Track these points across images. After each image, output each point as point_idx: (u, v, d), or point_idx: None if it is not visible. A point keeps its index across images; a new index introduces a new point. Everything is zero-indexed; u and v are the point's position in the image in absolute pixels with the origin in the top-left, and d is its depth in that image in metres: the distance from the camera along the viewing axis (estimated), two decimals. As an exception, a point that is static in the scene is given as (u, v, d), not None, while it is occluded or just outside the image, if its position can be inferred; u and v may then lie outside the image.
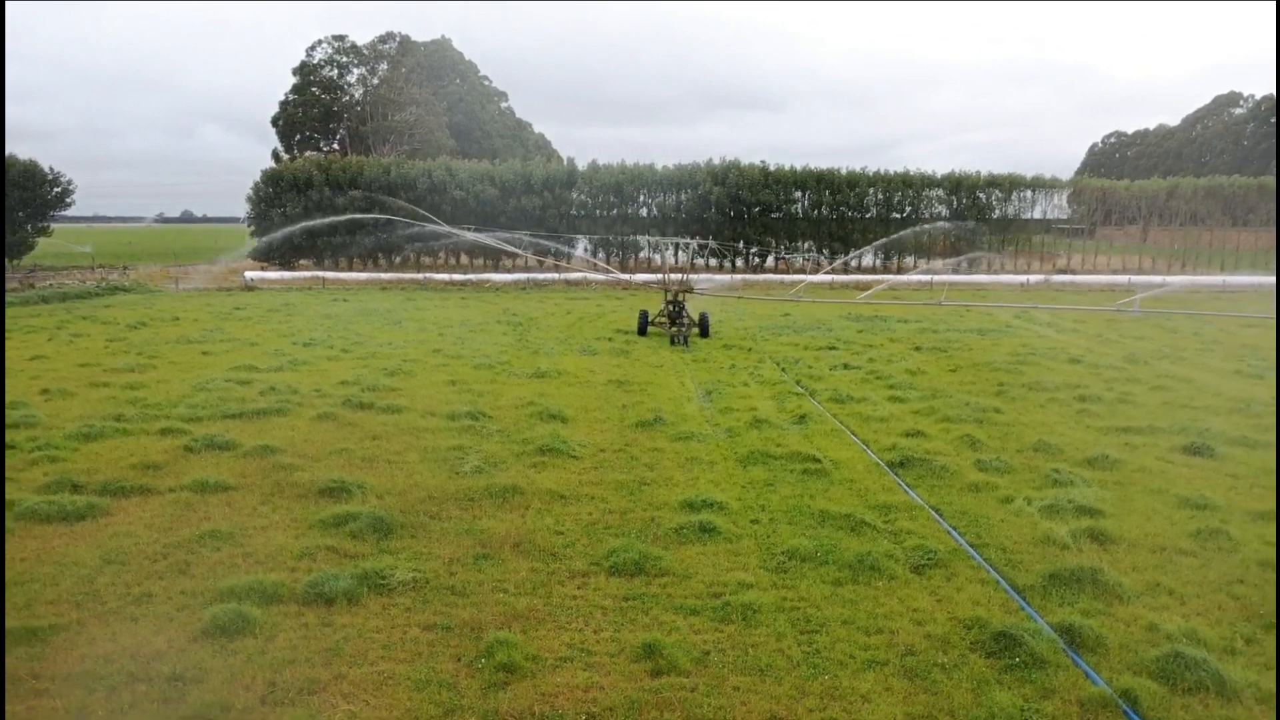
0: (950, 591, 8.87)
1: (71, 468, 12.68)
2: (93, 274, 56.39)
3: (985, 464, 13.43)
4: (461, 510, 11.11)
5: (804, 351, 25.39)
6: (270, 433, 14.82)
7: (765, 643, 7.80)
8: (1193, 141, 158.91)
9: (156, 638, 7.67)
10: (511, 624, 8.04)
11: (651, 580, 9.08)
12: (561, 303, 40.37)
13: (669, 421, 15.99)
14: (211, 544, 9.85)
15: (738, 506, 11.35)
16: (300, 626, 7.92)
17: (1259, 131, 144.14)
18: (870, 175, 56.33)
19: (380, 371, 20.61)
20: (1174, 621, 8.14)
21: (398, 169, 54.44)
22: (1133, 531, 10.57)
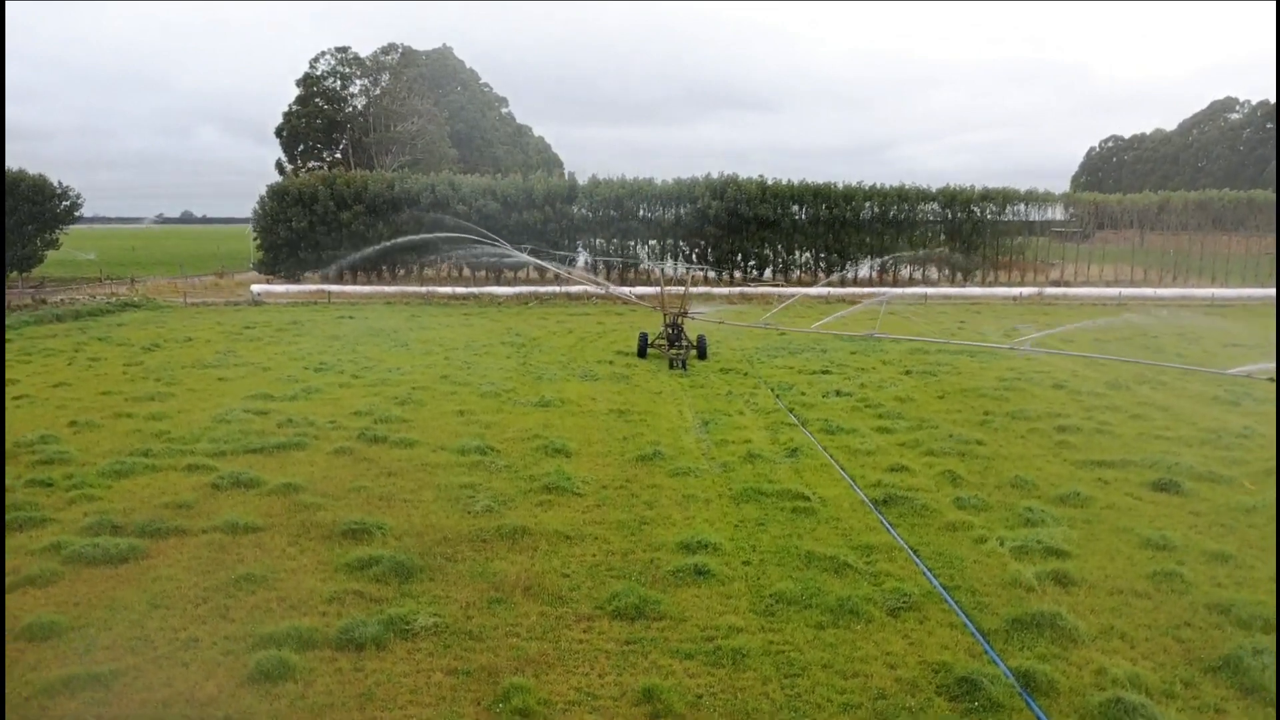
0: (922, 635, 9.77)
1: (108, 507, 13.58)
2: (101, 286, 57.29)
3: (964, 502, 14.33)
4: (475, 552, 12.01)
5: (798, 376, 26.26)
6: (291, 469, 15.71)
7: (752, 686, 8.69)
8: (1189, 147, 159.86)
9: (208, 683, 8.57)
10: (524, 669, 8.93)
11: (650, 624, 9.97)
12: (563, 320, 41.24)
13: (667, 455, 16.88)
14: (247, 588, 10.74)
15: (730, 547, 12.24)
16: (335, 672, 8.82)
17: (1254, 137, 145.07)
18: (866, 189, 57.22)
19: (391, 400, 21.49)
20: (1122, 666, 9.04)
21: (401, 183, 55.34)
22: (1094, 573, 11.47)
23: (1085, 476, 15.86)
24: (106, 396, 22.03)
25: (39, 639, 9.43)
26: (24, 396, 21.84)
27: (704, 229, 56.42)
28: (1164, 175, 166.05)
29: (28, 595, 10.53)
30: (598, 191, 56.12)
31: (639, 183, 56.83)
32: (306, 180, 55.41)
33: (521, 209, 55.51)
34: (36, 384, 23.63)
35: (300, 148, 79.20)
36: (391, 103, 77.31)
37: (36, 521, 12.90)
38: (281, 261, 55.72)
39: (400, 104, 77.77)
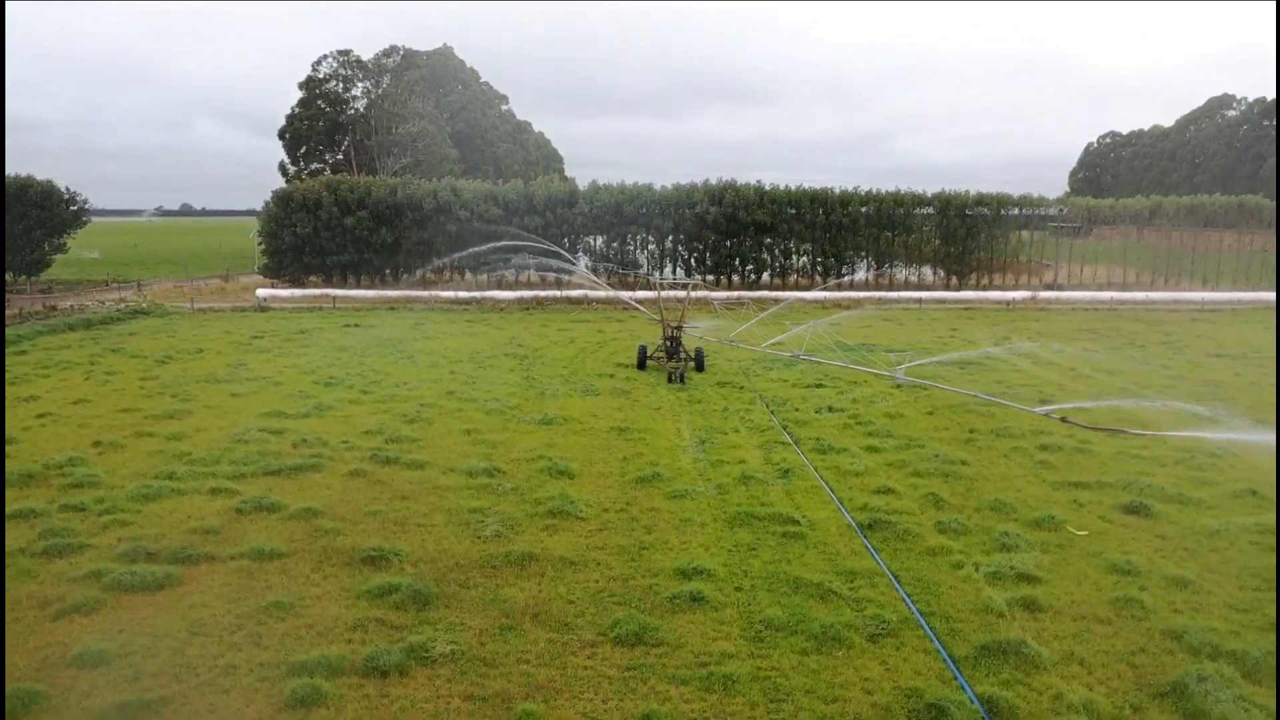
0: (898, 661, 10.66)
1: (140, 532, 14.46)
2: (108, 290, 58.15)
3: (945, 525, 15.21)
4: (485, 578, 12.90)
5: (792, 390, 27.14)
6: (309, 492, 16.60)
7: (741, 711, 9.59)
8: (1186, 144, 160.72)
9: (248, 709, 9.46)
10: (535, 695, 9.82)
11: (649, 650, 10.86)
12: (564, 327, 42.09)
13: (666, 477, 17.76)
14: (277, 615, 11.63)
15: (724, 573, 13.13)
16: (363, 698, 9.71)
17: (1251, 134, 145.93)
18: (862, 195, 58.06)
19: (400, 419, 22.37)
20: (1078, 691, 9.93)
21: (404, 189, 56.13)
22: (1061, 599, 12.36)
23: (1061, 499, 16.74)
24: (126, 414, 22.89)
25: (89, 666, 10.31)
26: (47, 415, 22.70)
27: (702, 233, 57.28)
28: (1161, 171, 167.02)
29: (74, 623, 11.41)
30: (597, 197, 56.94)
31: (638, 188, 57.66)
32: (310, 185, 56.20)
33: (523, 214, 56.34)
34: (57, 400, 24.49)
35: (303, 149, 79.97)
36: (393, 105, 78.09)
37: (75, 548, 13.78)
38: (286, 266, 56.57)
39: (401, 106, 78.55)
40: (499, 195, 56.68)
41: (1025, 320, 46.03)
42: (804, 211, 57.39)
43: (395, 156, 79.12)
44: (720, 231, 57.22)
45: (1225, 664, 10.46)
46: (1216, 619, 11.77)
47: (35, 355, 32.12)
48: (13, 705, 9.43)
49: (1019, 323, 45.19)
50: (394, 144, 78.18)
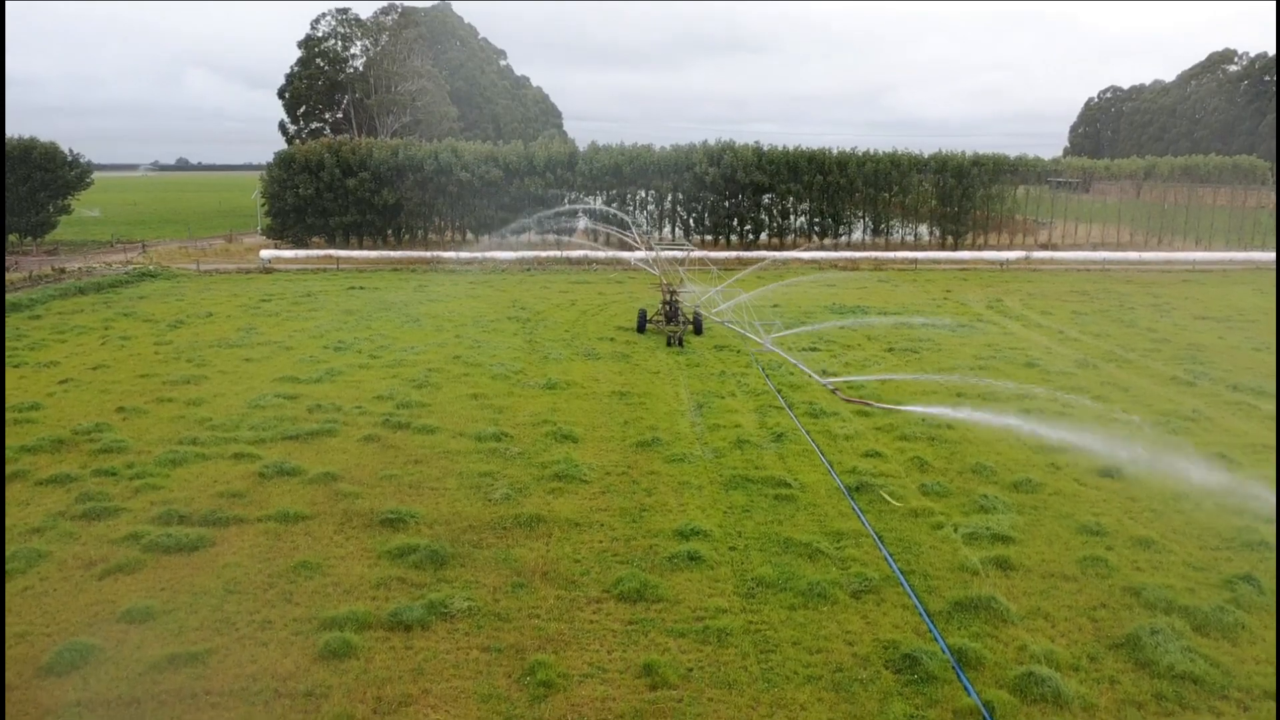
0: (878, 615, 11.61)
1: (171, 496, 15.38)
2: (114, 251, 58.73)
3: (928, 488, 16.14)
4: (497, 539, 13.84)
5: (789, 353, 27.96)
6: (327, 457, 17.50)
7: (733, 661, 10.55)
8: (1187, 98, 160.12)
9: (285, 660, 10.42)
10: (545, 646, 10.78)
11: (650, 606, 11.81)
12: (565, 289, 42.81)
13: (665, 441, 18.67)
14: (305, 574, 12.57)
15: (719, 534, 14.07)
16: (389, 650, 10.67)
17: (1252, 89, 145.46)
18: (859, 156, 58.50)
19: (409, 384, 23.22)
20: (1041, 643, 10.89)
21: (405, 151, 56.54)
22: (1033, 558, 13.31)
23: (1040, 462, 17.66)
24: (145, 380, 23.73)
25: (137, 622, 11.26)
26: (69, 380, 23.55)
27: (701, 194, 57.78)
28: (1161, 127, 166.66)
29: (119, 582, 12.36)
30: (597, 159, 57.37)
31: (637, 149, 58.07)
32: (312, 147, 56.60)
33: (523, 175, 56.79)
34: (77, 366, 25.32)
35: (302, 109, 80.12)
36: (391, 64, 78.10)
37: (111, 511, 14.71)
38: (289, 227, 57.11)
39: (400, 65, 78.57)
40: (499, 156, 57.10)
41: (1018, 281, 46.73)
42: (802, 172, 57.82)
43: (395, 115, 79.29)
44: (719, 192, 57.74)
45: (1178, 618, 11.41)
46: (1174, 576, 12.72)
47: (49, 319, 32.90)
48: (70, 658, 10.37)
49: (1011, 284, 45.89)
50: (393, 103, 78.33)
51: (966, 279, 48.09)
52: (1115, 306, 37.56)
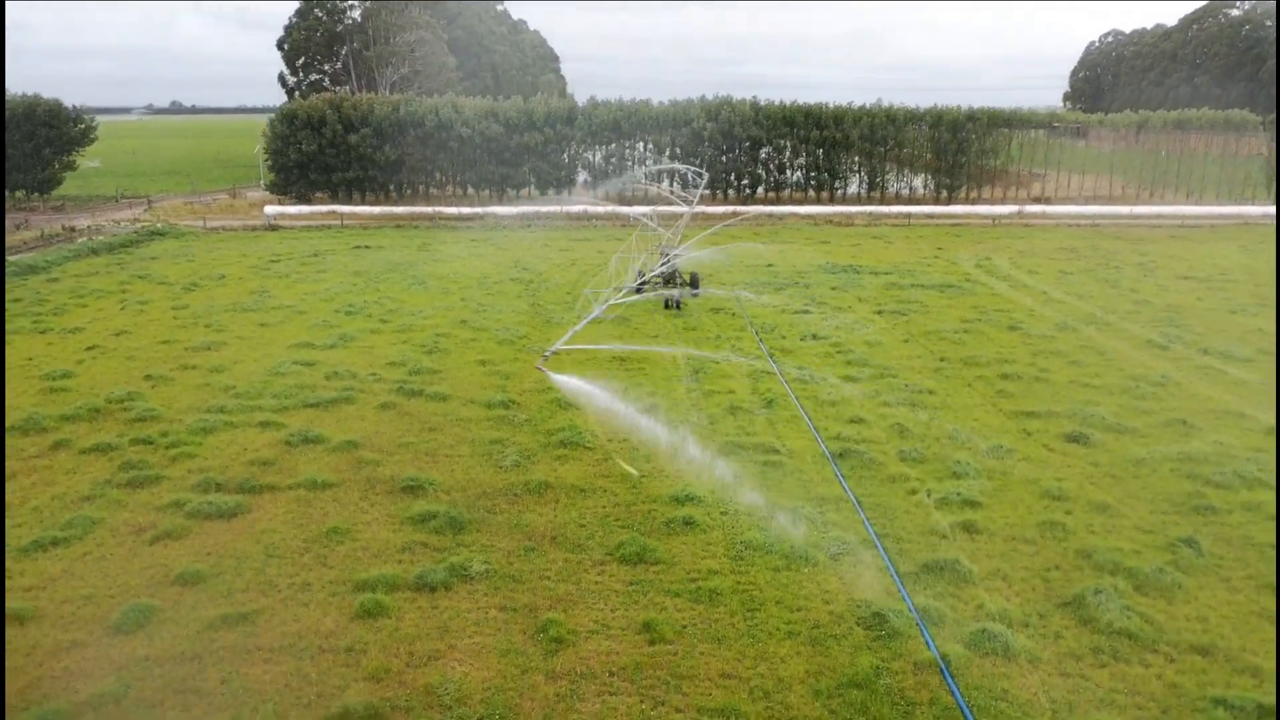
0: (854, 576, 12.93)
1: (206, 464, 16.65)
2: (119, 208, 59.56)
3: (906, 454, 17.40)
4: (509, 504, 15.13)
5: (780, 316, 29.14)
6: (347, 424, 18.75)
7: (723, 619, 11.87)
8: (1188, 43, 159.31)
9: (325, 619, 11.74)
10: (556, 606, 12.10)
11: (649, 568, 13.12)
12: (565, 247, 43.81)
13: (663, 409, 19.90)
14: (336, 539, 13.87)
15: (712, 500, 15.35)
16: (417, 610, 11.99)
17: (1253, 34, 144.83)
18: (855, 110, 59.10)
19: (420, 349, 24.42)
20: (997, 602, 12.22)
21: (406, 107, 57.13)
22: (997, 522, 14.61)
23: (1013, 428, 18.92)
24: (167, 346, 24.90)
25: (190, 584, 12.57)
26: (95, 347, 24.73)
27: (699, 149, 58.46)
28: (1162, 72, 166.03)
29: (169, 548, 13.66)
30: (596, 114, 57.99)
31: (636, 105, 58.69)
32: (314, 104, 57.20)
33: (523, 131, 57.45)
34: (100, 331, 26.49)
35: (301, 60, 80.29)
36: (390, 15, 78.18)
37: (152, 479, 15.98)
38: (292, 183, 57.90)
39: (399, 16, 78.65)
40: (499, 112, 57.71)
41: (1009, 238, 47.69)
42: (798, 126, 58.48)
43: (394, 67, 79.54)
44: (716, 147, 58.45)
45: (1121, 579, 12.73)
46: (1124, 540, 14.03)
47: (67, 283, 33.99)
48: (135, 618, 11.69)
49: (1002, 240, 46.87)
50: (392, 54, 78.56)
51: (959, 235, 49.05)
52: (1101, 265, 38.61)
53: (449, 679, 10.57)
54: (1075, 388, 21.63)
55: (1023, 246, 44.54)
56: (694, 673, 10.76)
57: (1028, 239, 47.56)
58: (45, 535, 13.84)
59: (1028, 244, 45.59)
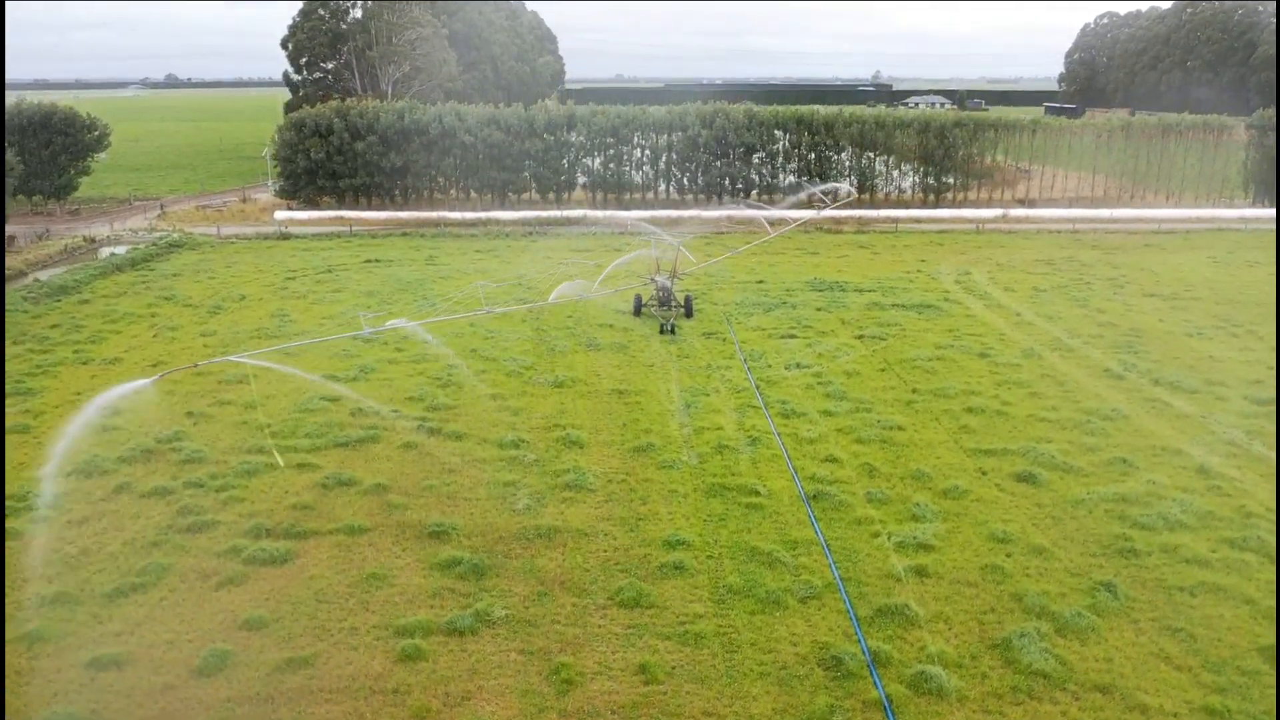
0: (819, 619, 15.20)
1: (254, 508, 18.90)
2: (132, 210, 61.52)
3: (873, 495, 19.65)
4: (523, 549, 17.39)
5: (768, 341, 31.32)
6: (375, 465, 20.98)
7: (706, 660, 14.16)
8: (1182, 26, 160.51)
9: (373, 662, 14.02)
10: (566, 649, 14.37)
11: (644, 612, 15.39)
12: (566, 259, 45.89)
13: (657, 446, 22.14)
14: (375, 584, 16.13)
15: (699, 543, 17.61)
16: (448, 653, 14.27)
17: (1246, 19, 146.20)
18: (847, 116, 61.05)
19: (435, 383, 26.61)
20: (938, 644, 14.50)
21: (411, 114, 59.01)
22: (946, 565, 16.88)
23: (970, 467, 21.18)
24: (202, 379, 27.06)
25: (256, 629, 14.83)
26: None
27: (695, 155, 60.45)
28: (1155, 55, 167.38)
29: (232, 593, 15.91)
30: (595, 120, 59.91)
31: (634, 111, 60.63)
32: (322, 111, 59.07)
33: (524, 138, 59.39)
34: (137, 362, 28.66)
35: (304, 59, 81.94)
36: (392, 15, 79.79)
37: (209, 525, 18.22)
38: (300, 188, 59.87)
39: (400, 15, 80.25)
40: (501, 119, 59.60)
41: (991, 247, 49.80)
42: (790, 132, 60.45)
43: (396, 65, 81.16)
44: (711, 153, 60.42)
45: (1045, 622, 15.01)
46: (1054, 583, 16.30)
47: (97, 305, 36.10)
48: (214, 662, 13.95)
49: (984, 250, 48.99)
50: (394, 54, 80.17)
51: (943, 244, 51.12)
52: (1074, 281, 40.74)
53: (480, 717, 12.86)
54: (1032, 422, 23.86)
55: (1003, 258, 46.65)
56: (681, 710, 13.05)
57: (1008, 248, 49.67)
58: (125, 582, 16.09)
59: (1008, 254, 47.70)
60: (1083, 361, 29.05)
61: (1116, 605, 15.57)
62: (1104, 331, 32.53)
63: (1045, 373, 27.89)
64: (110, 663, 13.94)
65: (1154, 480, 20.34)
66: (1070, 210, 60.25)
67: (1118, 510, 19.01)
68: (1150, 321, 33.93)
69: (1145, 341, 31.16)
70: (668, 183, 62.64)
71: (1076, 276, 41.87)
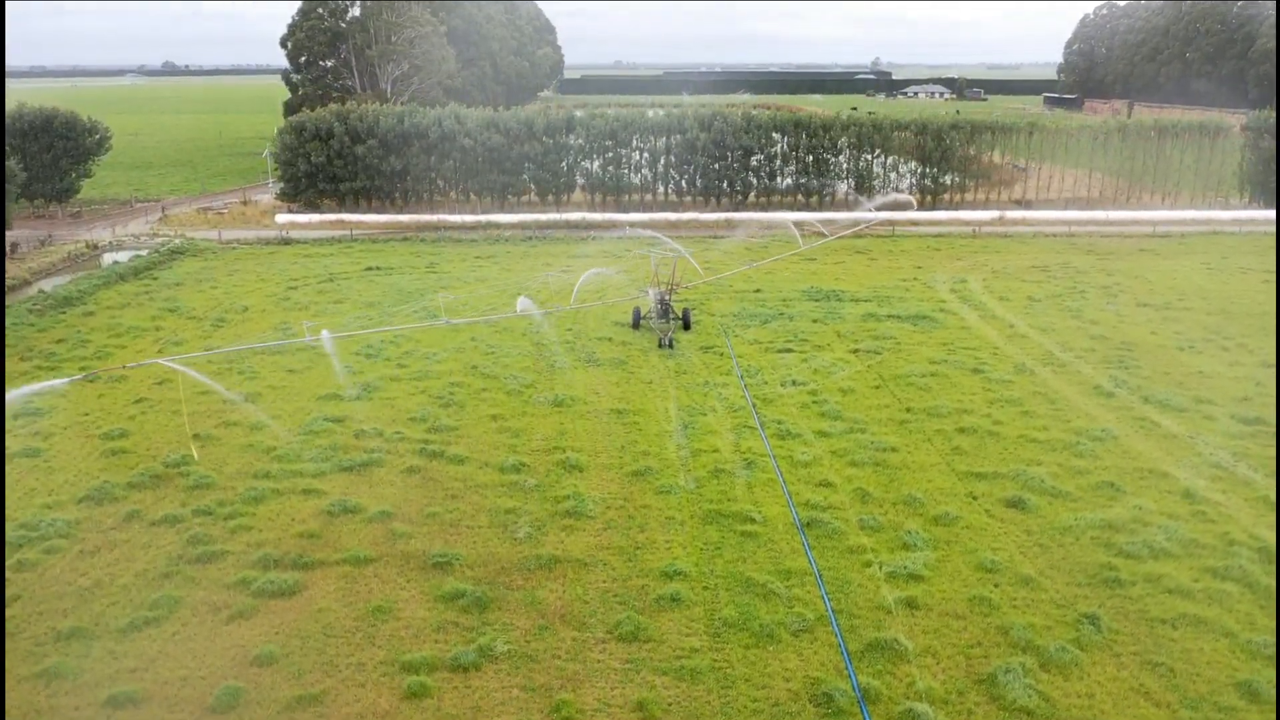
0: (810, 654, 15.70)
1: (262, 537, 19.37)
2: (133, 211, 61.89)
3: (865, 522, 20.13)
4: (524, 580, 17.87)
5: (764, 356, 31.77)
6: (379, 491, 21.45)
7: (702, 696, 14.65)
8: (1181, 19, 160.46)
9: (381, 699, 14.52)
10: (566, 686, 14.86)
11: (642, 645, 15.88)
12: (566, 267, 46.30)
13: (655, 470, 22.61)
14: (380, 618, 16.61)
15: (695, 573, 18.09)
16: (453, 690, 14.76)
17: (1244, 11, 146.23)
18: (844, 120, 61.41)
19: (436, 401, 27.05)
20: (925, 680, 14.99)
21: (410, 118, 59.32)
22: (935, 596, 17.37)
23: (961, 491, 21.65)
24: (207, 398, 27.48)
25: (266, 665, 15.32)
26: (143, 400, 27.36)
27: (693, 158, 60.82)
28: (1154, 48, 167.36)
29: (242, 627, 16.40)
30: (594, 124, 60.25)
31: (632, 114, 61.06)
32: (322, 115, 59.38)
33: (523, 141, 59.72)
34: (143, 380, 29.09)
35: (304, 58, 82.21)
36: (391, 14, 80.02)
37: (218, 555, 18.70)
38: (301, 191, 60.21)
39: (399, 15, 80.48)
40: (500, 122, 59.92)
41: (987, 253, 50.22)
42: (788, 135, 60.80)
43: (395, 63, 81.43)
44: (709, 156, 60.77)
45: (1029, 657, 15.50)
46: (1039, 615, 16.79)
47: (102, 317, 36.54)
48: (227, 699, 14.44)
49: (980, 255, 49.41)
50: (393, 52, 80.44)
51: (940, 248, 51.54)
52: (1068, 291, 41.14)
53: (483, 757, 13.37)
54: (1023, 444, 24.32)
55: (998, 264, 47.09)
56: (677, 749, 13.56)
57: (1004, 253, 50.10)
58: (138, 616, 16.57)
59: (1003, 259, 48.13)
60: (1074, 378, 29.51)
61: (1099, 639, 16.06)
62: (1096, 345, 32.98)
63: (1037, 389, 28.36)
64: (127, 700, 14.43)
65: (1141, 505, 20.82)
66: (1066, 212, 60.65)
67: (1104, 538, 19.49)
68: (1142, 334, 34.37)
69: (1137, 355, 31.61)
70: (666, 185, 62.98)
71: (1071, 285, 42.29)
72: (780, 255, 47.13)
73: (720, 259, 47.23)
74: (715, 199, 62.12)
